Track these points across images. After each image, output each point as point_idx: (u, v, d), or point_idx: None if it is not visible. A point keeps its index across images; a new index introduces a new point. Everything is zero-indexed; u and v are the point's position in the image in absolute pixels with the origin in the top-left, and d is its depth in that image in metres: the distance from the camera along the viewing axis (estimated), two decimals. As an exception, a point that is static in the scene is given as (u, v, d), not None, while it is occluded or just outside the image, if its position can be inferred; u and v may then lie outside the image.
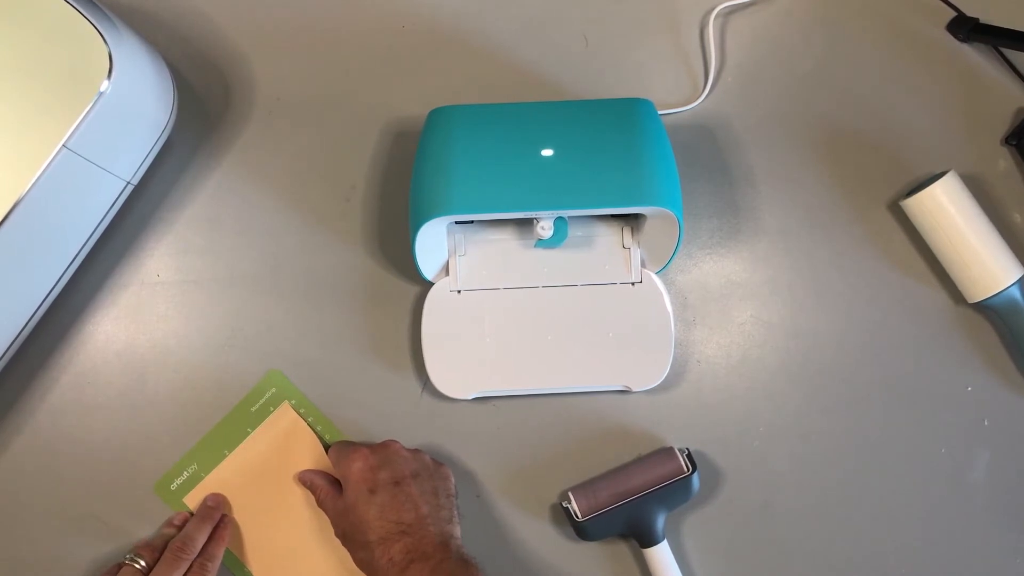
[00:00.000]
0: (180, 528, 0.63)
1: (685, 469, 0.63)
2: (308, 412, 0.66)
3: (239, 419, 0.65)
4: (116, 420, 0.65)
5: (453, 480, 0.63)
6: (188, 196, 0.68)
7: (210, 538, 0.63)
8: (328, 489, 0.62)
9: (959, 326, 0.69)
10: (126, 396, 0.65)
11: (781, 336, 0.68)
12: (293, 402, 0.66)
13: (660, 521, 0.63)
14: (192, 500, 0.65)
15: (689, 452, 0.64)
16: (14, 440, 0.65)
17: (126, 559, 0.60)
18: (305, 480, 0.64)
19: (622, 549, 0.66)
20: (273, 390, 0.66)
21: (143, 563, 0.60)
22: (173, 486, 0.65)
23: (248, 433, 0.65)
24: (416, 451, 0.63)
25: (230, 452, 0.65)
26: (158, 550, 0.61)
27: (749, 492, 0.67)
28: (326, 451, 0.65)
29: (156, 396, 0.65)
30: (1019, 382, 0.69)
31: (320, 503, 0.63)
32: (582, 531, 0.63)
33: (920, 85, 0.71)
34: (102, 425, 0.65)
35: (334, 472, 0.63)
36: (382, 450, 0.61)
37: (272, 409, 0.66)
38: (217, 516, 0.64)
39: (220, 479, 0.65)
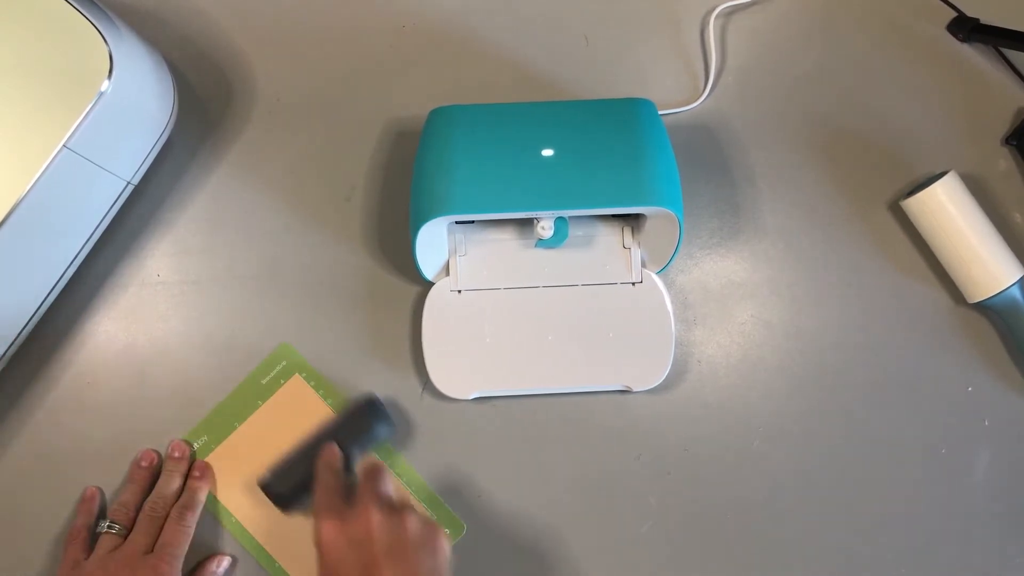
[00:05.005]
0: (148, 468, 0.63)
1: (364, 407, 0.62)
2: (319, 385, 0.66)
3: (250, 391, 0.65)
4: (116, 420, 0.65)
5: (447, 550, 0.53)
6: (188, 196, 0.68)
7: (186, 487, 0.62)
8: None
9: (959, 326, 0.69)
10: (126, 396, 0.65)
11: (781, 336, 0.68)
12: (304, 375, 0.66)
13: (355, 459, 0.61)
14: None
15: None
16: (14, 440, 0.64)
17: (103, 529, 0.60)
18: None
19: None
20: (284, 363, 0.66)
21: (119, 526, 0.60)
22: None
23: (258, 405, 0.65)
24: (401, 514, 0.53)
25: (240, 424, 0.65)
26: (133, 508, 0.61)
27: (749, 492, 0.67)
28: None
29: (156, 396, 0.65)
30: (1019, 382, 0.69)
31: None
32: (276, 496, 0.60)
33: (920, 85, 0.71)
34: (102, 425, 0.65)
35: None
36: (355, 524, 0.52)
37: (283, 382, 0.66)
38: (184, 466, 0.63)
39: (230, 451, 0.65)
